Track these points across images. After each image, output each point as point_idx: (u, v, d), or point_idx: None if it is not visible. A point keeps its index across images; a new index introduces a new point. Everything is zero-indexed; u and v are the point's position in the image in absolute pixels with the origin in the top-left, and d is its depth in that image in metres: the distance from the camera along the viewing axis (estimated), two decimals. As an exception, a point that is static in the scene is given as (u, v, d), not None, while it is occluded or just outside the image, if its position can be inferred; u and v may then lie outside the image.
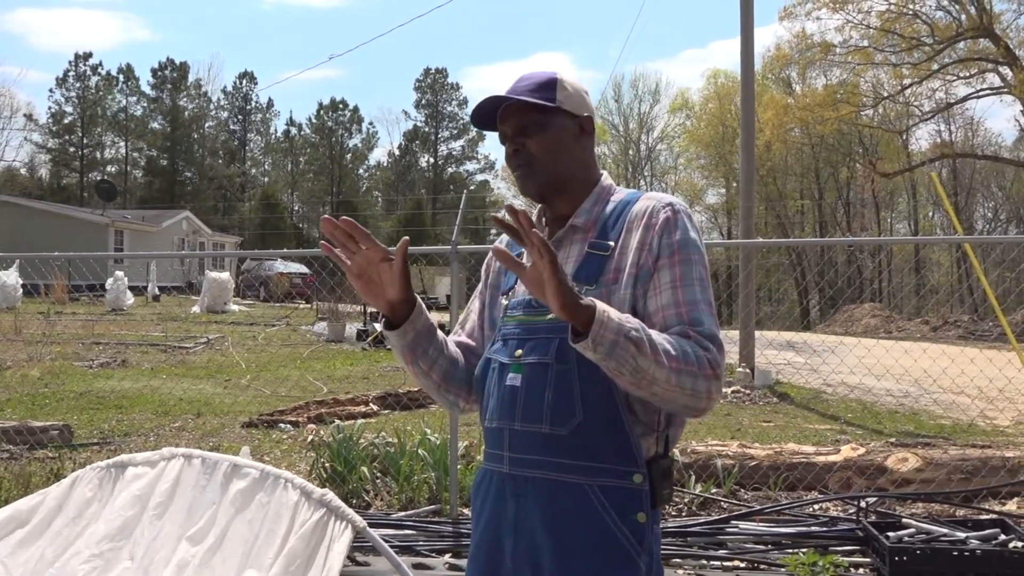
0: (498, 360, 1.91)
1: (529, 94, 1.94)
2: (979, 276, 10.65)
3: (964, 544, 4.49)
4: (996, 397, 9.74)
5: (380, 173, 77.73)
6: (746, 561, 4.70)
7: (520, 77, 2.01)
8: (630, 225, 1.89)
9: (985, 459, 6.06)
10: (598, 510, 1.77)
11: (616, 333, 1.60)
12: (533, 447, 1.82)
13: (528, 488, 1.84)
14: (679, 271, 1.81)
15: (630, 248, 1.86)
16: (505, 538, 1.87)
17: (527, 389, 1.82)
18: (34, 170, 66.41)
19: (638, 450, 1.79)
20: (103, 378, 11.92)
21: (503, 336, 1.94)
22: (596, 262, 1.87)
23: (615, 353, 1.61)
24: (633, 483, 1.79)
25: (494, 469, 1.92)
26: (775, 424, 9.47)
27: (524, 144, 1.94)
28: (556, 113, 1.95)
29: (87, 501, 3.42)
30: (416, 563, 4.59)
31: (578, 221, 1.94)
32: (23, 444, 7.35)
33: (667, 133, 60.90)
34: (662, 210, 1.87)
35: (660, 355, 1.64)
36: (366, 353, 16.27)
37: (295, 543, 3.01)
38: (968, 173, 47.78)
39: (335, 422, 7.43)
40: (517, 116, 1.95)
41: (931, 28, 31.09)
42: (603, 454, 1.78)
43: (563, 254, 1.92)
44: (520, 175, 1.97)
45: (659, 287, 1.81)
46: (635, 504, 1.79)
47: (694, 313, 1.77)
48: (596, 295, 1.78)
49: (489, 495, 1.93)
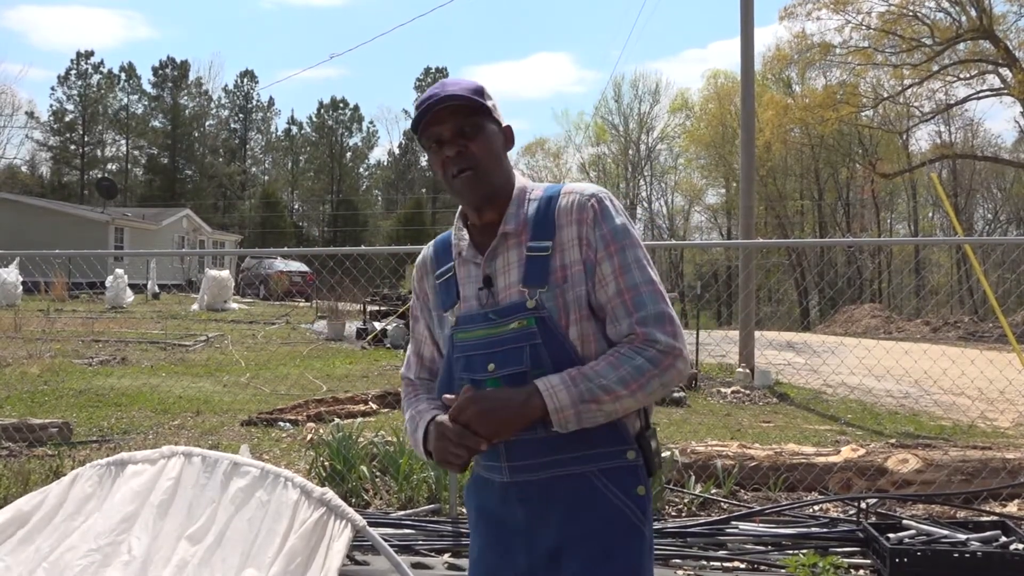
0: (467, 377, 1.91)
1: (463, 94, 1.93)
2: (979, 277, 10.65)
3: (965, 546, 4.48)
4: (996, 398, 9.73)
5: (380, 172, 77.78)
6: (746, 562, 4.69)
7: (442, 83, 1.99)
8: (560, 221, 1.90)
9: (986, 461, 6.05)
10: (603, 492, 1.87)
11: (574, 405, 1.75)
12: (532, 452, 1.87)
13: (533, 491, 1.90)
14: (617, 261, 1.86)
15: (567, 244, 1.89)
16: (516, 538, 1.93)
17: None
18: (35, 168, 66.47)
19: (626, 429, 1.89)
20: (103, 376, 11.91)
21: (464, 352, 1.94)
22: (539, 264, 1.88)
23: (583, 419, 1.76)
24: (628, 460, 1.88)
25: (493, 479, 1.97)
26: (775, 425, 9.46)
27: (467, 148, 1.92)
28: (489, 118, 1.97)
29: (86, 497, 3.41)
30: (415, 562, 4.58)
31: (509, 228, 1.94)
32: (22, 441, 7.34)
33: (667, 133, 60.95)
34: (588, 203, 1.90)
35: (619, 390, 1.77)
36: (365, 352, 16.27)
37: (295, 542, 3.00)
38: (968, 174, 47.78)
39: (334, 421, 7.42)
40: (456, 118, 1.93)
41: (931, 29, 31.07)
42: (597, 440, 1.85)
43: (501, 262, 1.94)
44: (466, 179, 1.93)
45: (604, 279, 1.86)
46: (633, 479, 1.89)
47: (636, 298, 1.84)
48: (550, 297, 1.86)
49: (490, 502, 1.99)
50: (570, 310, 1.86)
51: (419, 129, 1.98)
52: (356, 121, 74.60)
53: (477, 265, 1.97)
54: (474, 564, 2.04)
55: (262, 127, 75.33)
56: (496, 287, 1.93)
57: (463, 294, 1.97)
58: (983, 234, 45.20)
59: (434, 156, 1.98)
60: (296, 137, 75.44)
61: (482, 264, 1.95)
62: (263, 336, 18.50)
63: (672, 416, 9.67)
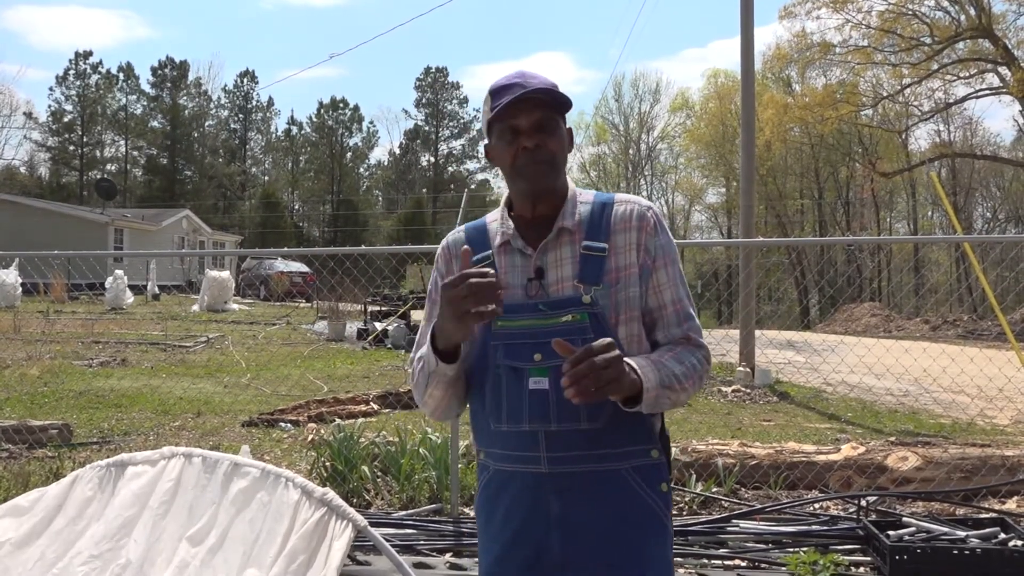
0: (508, 365, 1.95)
1: (548, 90, 1.96)
2: (978, 275, 10.65)
3: (964, 543, 4.49)
4: (995, 396, 9.74)
5: (380, 172, 77.78)
6: (747, 560, 4.69)
7: (521, 73, 2.00)
8: (617, 227, 2.00)
9: (985, 458, 6.06)
10: (635, 488, 1.95)
11: (658, 389, 1.83)
12: (573, 444, 1.92)
13: (572, 483, 1.94)
14: (670, 271, 2.00)
15: (623, 248, 1.98)
16: (550, 532, 1.95)
17: (558, 391, 1.82)
18: (34, 169, 66.50)
19: (652, 428, 1.99)
20: (103, 377, 11.91)
21: (504, 340, 1.96)
22: (596, 263, 1.96)
23: (659, 403, 1.85)
24: (652, 458, 1.98)
25: (526, 470, 1.97)
26: (775, 423, 9.47)
27: (545, 141, 1.97)
28: (563, 118, 2.02)
29: (87, 500, 3.41)
30: (417, 562, 4.58)
31: (567, 224, 2.00)
32: (22, 443, 7.34)
33: (667, 133, 60.96)
34: (647, 213, 2.02)
35: (685, 382, 1.89)
36: (366, 352, 16.27)
37: (296, 542, 3.00)
38: (967, 173, 47.79)
39: (336, 421, 7.44)
40: (539, 111, 1.96)
41: (930, 28, 31.08)
42: (630, 438, 1.95)
43: (554, 256, 1.99)
44: (538, 170, 1.97)
45: (659, 287, 1.99)
46: (658, 476, 1.99)
47: (684, 309, 2.00)
48: (603, 295, 1.94)
49: (519, 498, 1.99)
50: (621, 309, 1.95)
51: (498, 114, 1.97)
52: (356, 121, 74.62)
53: (526, 256, 2.01)
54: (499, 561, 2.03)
55: (262, 127, 75.40)
56: (547, 279, 1.97)
57: (505, 283, 1.98)
58: (982, 232, 45.17)
59: (504, 143, 2.00)
60: (296, 137, 75.45)
61: (533, 256, 1.99)
62: (264, 337, 18.51)
63: (673, 415, 9.68)
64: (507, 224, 2.05)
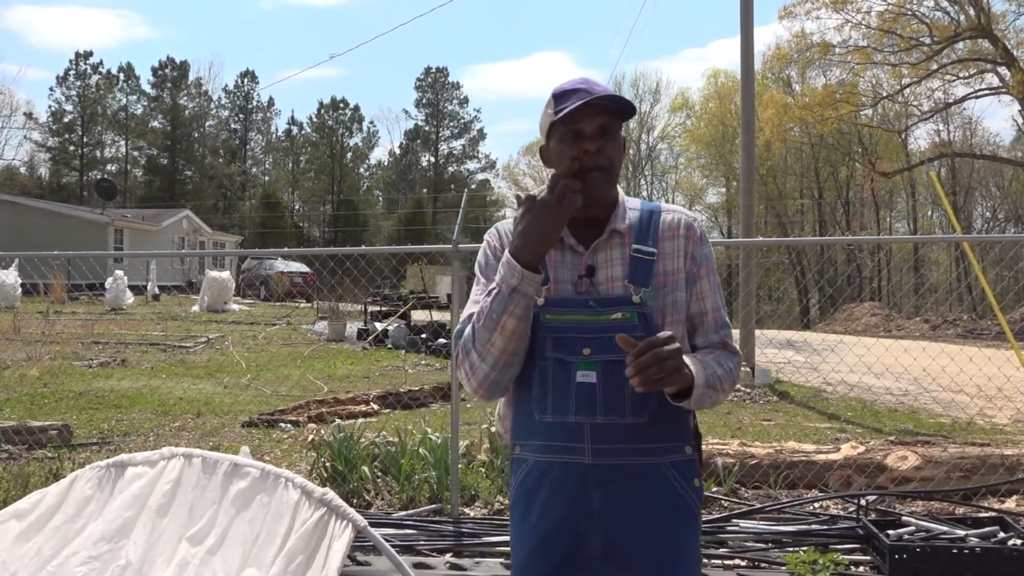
0: (556, 357, 2.01)
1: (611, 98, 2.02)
2: (978, 275, 10.66)
3: (963, 542, 4.50)
4: (995, 395, 9.75)
5: (381, 172, 77.77)
6: (747, 559, 4.70)
7: (585, 80, 2.09)
8: (665, 234, 2.11)
9: (984, 457, 6.06)
10: (672, 482, 2.03)
11: (704, 387, 1.94)
12: (617, 437, 1.99)
13: (614, 474, 2.00)
14: (711, 281, 2.13)
15: (672, 254, 2.10)
16: (591, 523, 2.00)
17: (605, 384, 1.97)
18: (34, 169, 66.51)
19: (688, 426, 2.09)
20: (102, 378, 11.91)
21: (553, 333, 2.03)
22: (645, 266, 2.07)
23: (701, 401, 1.97)
24: (686, 454, 2.07)
25: (568, 461, 2.01)
26: (775, 423, 9.48)
27: (605, 147, 2.04)
28: (620, 126, 2.10)
29: (86, 500, 3.41)
30: (417, 562, 4.59)
31: (619, 226, 2.10)
32: (22, 444, 7.34)
33: (667, 132, 61.02)
34: (694, 223, 2.15)
35: (723, 383, 2.01)
36: (367, 352, 16.28)
37: (295, 542, 3.01)
38: (967, 172, 47.81)
39: (336, 421, 7.44)
40: (603, 117, 2.03)
41: (930, 28, 31.10)
42: (669, 434, 2.04)
43: (604, 256, 2.08)
44: (596, 177, 2.04)
45: (702, 294, 2.11)
46: (692, 471, 2.08)
47: (722, 318, 2.13)
48: (652, 296, 2.04)
49: (559, 489, 2.03)
50: (668, 312, 2.06)
51: (562, 117, 2.03)
52: (356, 121, 74.63)
53: (577, 253, 2.09)
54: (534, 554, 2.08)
55: (262, 127, 75.41)
56: (598, 277, 2.06)
57: (555, 277, 2.07)
58: (981, 232, 45.17)
59: (566, 144, 2.05)
60: (296, 137, 75.47)
61: (585, 254, 2.08)
62: (264, 337, 18.51)
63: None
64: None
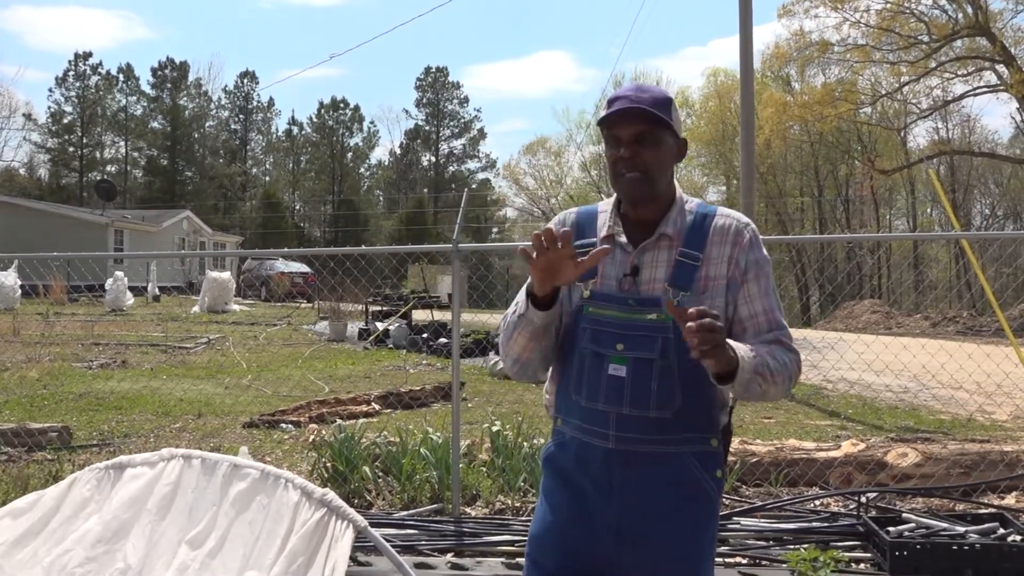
0: (592, 349, 2.13)
1: (652, 107, 2.12)
2: (976, 272, 10.66)
3: (963, 538, 4.51)
4: (994, 392, 9.75)
5: (381, 172, 77.77)
6: (748, 557, 4.70)
7: (638, 87, 2.19)
8: (714, 239, 2.16)
9: (984, 454, 6.07)
10: (692, 471, 2.12)
11: (751, 373, 1.97)
12: (641, 428, 2.10)
13: (635, 459, 2.11)
14: (763, 284, 2.16)
15: (716, 259, 2.15)
16: (609, 497, 2.13)
17: (633, 380, 2.08)
18: (33, 170, 66.45)
19: (716, 422, 2.16)
20: (103, 379, 11.91)
21: (592, 326, 2.15)
22: (688, 270, 2.13)
23: (749, 388, 1.99)
24: (711, 447, 2.15)
25: (594, 443, 2.14)
26: (776, 420, 9.48)
27: (640, 153, 2.13)
28: (668, 130, 2.16)
29: (84, 501, 3.40)
30: (418, 562, 4.59)
31: (668, 230, 2.17)
32: (21, 446, 7.33)
33: (667, 131, 60.75)
34: (744, 229, 2.18)
35: (776, 376, 2.02)
36: (368, 352, 16.28)
37: (296, 543, 3.00)
38: (965, 170, 47.79)
39: (337, 422, 7.44)
40: (639, 124, 2.13)
41: (928, 27, 31.10)
42: (694, 428, 2.12)
43: (650, 257, 2.16)
44: (631, 179, 2.14)
45: (750, 297, 2.14)
46: (714, 463, 2.16)
47: (777, 317, 2.15)
48: (692, 301, 2.08)
49: (583, 464, 2.17)
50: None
51: (605, 124, 2.16)
52: (357, 121, 74.62)
53: (626, 252, 2.18)
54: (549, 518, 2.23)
55: (262, 128, 75.41)
56: (640, 277, 2.15)
57: (602, 272, 2.16)
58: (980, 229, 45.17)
59: (610, 150, 2.18)
60: (297, 137, 75.46)
61: (632, 254, 2.17)
62: (264, 338, 18.51)
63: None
64: (616, 219, 2.23)
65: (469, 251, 6.27)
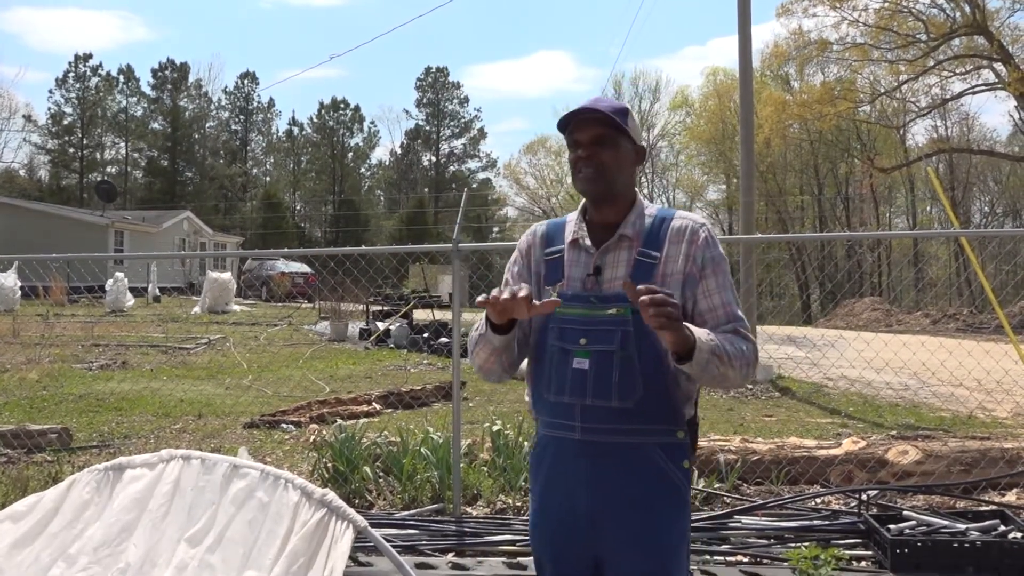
0: (559, 346, 2.28)
1: (609, 113, 2.30)
2: (976, 269, 10.65)
3: (964, 535, 4.50)
4: (994, 389, 9.75)
5: (382, 172, 77.75)
6: (749, 555, 4.70)
7: (596, 99, 2.37)
8: (672, 239, 2.30)
9: (984, 451, 6.07)
10: (657, 461, 2.24)
11: (709, 353, 2.07)
12: (604, 418, 2.23)
13: (601, 449, 2.25)
14: (720, 279, 2.28)
15: (674, 258, 2.28)
16: (578, 489, 2.27)
17: (596, 372, 2.22)
18: (33, 171, 66.40)
19: (681, 414, 2.27)
20: (103, 380, 11.90)
21: (559, 324, 2.29)
22: (647, 268, 2.28)
23: (707, 368, 2.09)
24: (678, 439, 2.27)
25: (561, 436, 2.30)
26: (777, 419, 9.48)
27: (597, 153, 2.30)
28: (625, 136, 2.33)
29: (84, 503, 3.39)
30: (419, 563, 4.59)
31: (627, 231, 2.33)
32: (21, 448, 7.33)
33: (668, 130, 60.88)
34: (700, 230, 2.31)
35: (733, 360, 2.13)
36: (368, 352, 16.27)
37: (296, 543, 3.00)
38: (964, 168, 47.77)
39: (337, 422, 7.44)
40: (596, 128, 2.31)
41: (926, 25, 31.10)
42: (657, 419, 2.24)
43: (612, 258, 2.32)
44: (585, 177, 2.32)
45: (708, 291, 2.26)
46: (681, 454, 2.28)
47: (734, 311, 2.26)
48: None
49: (558, 458, 2.32)
50: None
51: (567, 130, 2.35)
52: (357, 121, 74.57)
53: (589, 254, 2.34)
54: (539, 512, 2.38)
55: (263, 128, 75.37)
56: (603, 276, 2.30)
57: (568, 274, 2.35)
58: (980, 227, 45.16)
59: (571, 153, 2.37)
60: (297, 138, 75.44)
61: (595, 255, 2.33)
62: (265, 338, 18.51)
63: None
64: (581, 225, 2.39)
65: (469, 251, 6.27)
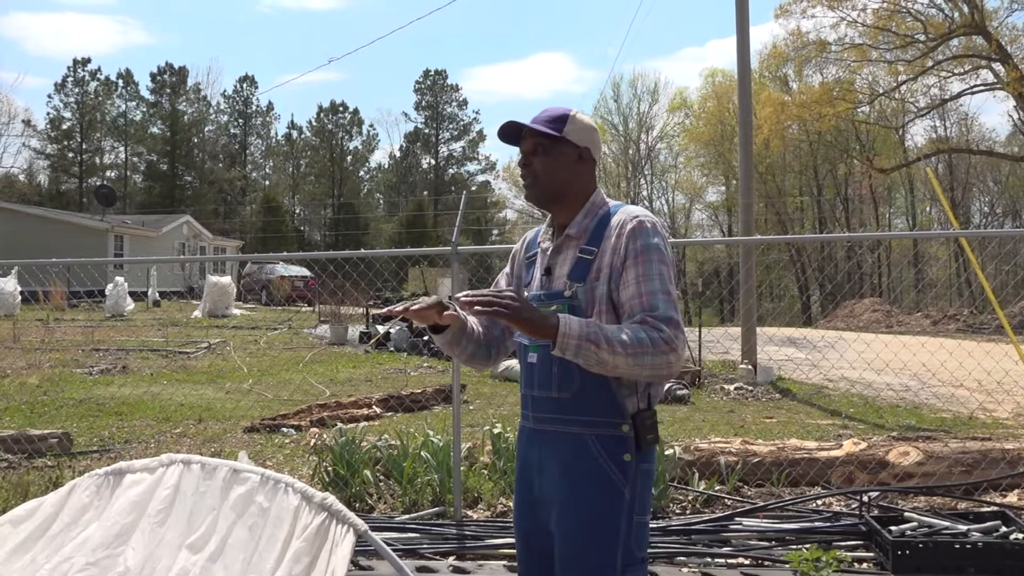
0: (521, 342, 2.50)
1: (544, 124, 2.44)
2: (976, 270, 10.65)
3: (966, 537, 4.50)
4: (994, 389, 9.75)
5: (381, 175, 77.71)
6: (750, 558, 4.70)
7: (542, 109, 2.52)
8: (608, 234, 2.38)
9: (985, 451, 6.06)
10: (593, 453, 2.32)
11: (578, 339, 2.13)
12: (547, 407, 2.39)
13: (546, 438, 2.41)
14: (641, 269, 2.29)
15: (608, 252, 2.35)
16: (534, 474, 2.46)
17: (540, 364, 2.39)
18: (33, 176, 66.42)
19: (623, 407, 2.32)
20: (103, 385, 11.90)
21: None
22: (584, 264, 2.38)
23: (581, 353, 2.15)
24: (621, 432, 2.32)
25: (523, 425, 2.53)
26: (778, 420, 9.48)
27: (532, 163, 2.46)
28: (560, 142, 2.44)
29: (83, 507, 3.38)
30: (420, 566, 4.59)
31: (571, 231, 2.45)
32: (21, 453, 7.31)
33: (666, 132, 60.84)
34: (629, 222, 2.36)
35: (616, 347, 2.14)
36: (368, 356, 16.27)
37: (297, 547, 2.99)
38: (964, 168, 47.78)
39: (337, 425, 7.43)
40: (530, 139, 2.47)
41: (924, 25, 31.13)
42: (598, 411, 2.32)
43: (561, 257, 2.45)
44: (525, 185, 2.51)
45: (626, 282, 2.30)
46: (622, 448, 2.32)
47: (652, 300, 2.25)
48: (584, 291, 2.35)
49: (521, 445, 2.54)
50: (596, 303, 2.33)
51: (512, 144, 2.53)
52: (356, 125, 74.59)
53: (546, 255, 2.51)
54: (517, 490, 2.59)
55: (262, 132, 75.34)
56: (554, 275, 2.44)
57: (535, 276, 2.52)
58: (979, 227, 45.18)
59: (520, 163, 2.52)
60: (296, 141, 75.43)
61: (548, 256, 2.49)
62: (265, 342, 18.50)
63: (676, 414, 9.68)
64: (548, 232, 2.56)
65: (468, 253, 6.27)
